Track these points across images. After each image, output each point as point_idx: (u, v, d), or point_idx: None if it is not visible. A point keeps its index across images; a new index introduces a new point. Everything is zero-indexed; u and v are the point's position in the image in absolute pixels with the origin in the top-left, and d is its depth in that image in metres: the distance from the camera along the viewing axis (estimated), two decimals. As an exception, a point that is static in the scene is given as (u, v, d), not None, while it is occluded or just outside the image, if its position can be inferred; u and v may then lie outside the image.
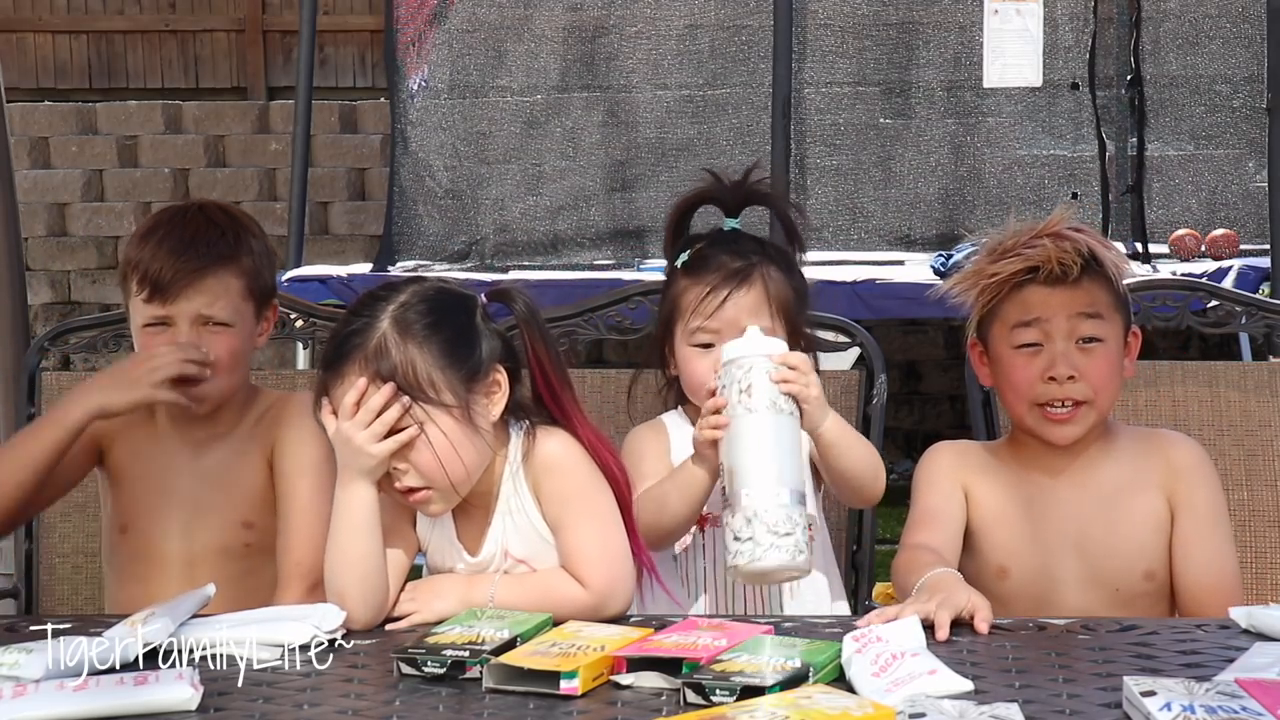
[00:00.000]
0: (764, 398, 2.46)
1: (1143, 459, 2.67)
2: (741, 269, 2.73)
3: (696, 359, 2.72)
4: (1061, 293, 2.60)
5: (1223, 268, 6.01)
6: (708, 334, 2.71)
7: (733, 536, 2.41)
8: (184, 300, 2.70)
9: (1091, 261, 2.60)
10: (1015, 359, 2.63)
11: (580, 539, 2.43)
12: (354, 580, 2.37)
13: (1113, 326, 2.63)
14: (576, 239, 6.91)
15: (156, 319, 2.72)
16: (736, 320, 2.67)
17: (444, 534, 2.50)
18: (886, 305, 6.18)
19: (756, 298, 2.72)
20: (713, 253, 2.77)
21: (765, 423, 2.45)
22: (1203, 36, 6.59)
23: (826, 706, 1.87)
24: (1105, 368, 2.61)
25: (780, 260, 2.78)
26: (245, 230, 2.82)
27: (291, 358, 6.51)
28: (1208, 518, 2.66)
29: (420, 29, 6.87)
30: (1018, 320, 2.62)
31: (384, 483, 2.40)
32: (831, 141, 6.76)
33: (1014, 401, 2.65)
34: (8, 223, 3.88)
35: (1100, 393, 2.61)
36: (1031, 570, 2.64)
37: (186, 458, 2.78)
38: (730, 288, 2.72)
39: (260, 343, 2.84)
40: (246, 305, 2.77)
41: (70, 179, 8.66)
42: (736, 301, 2.71)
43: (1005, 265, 2.61)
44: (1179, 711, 1.84)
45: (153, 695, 2.00)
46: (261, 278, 2.81)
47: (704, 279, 2.74)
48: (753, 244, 2.79)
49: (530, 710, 1.98)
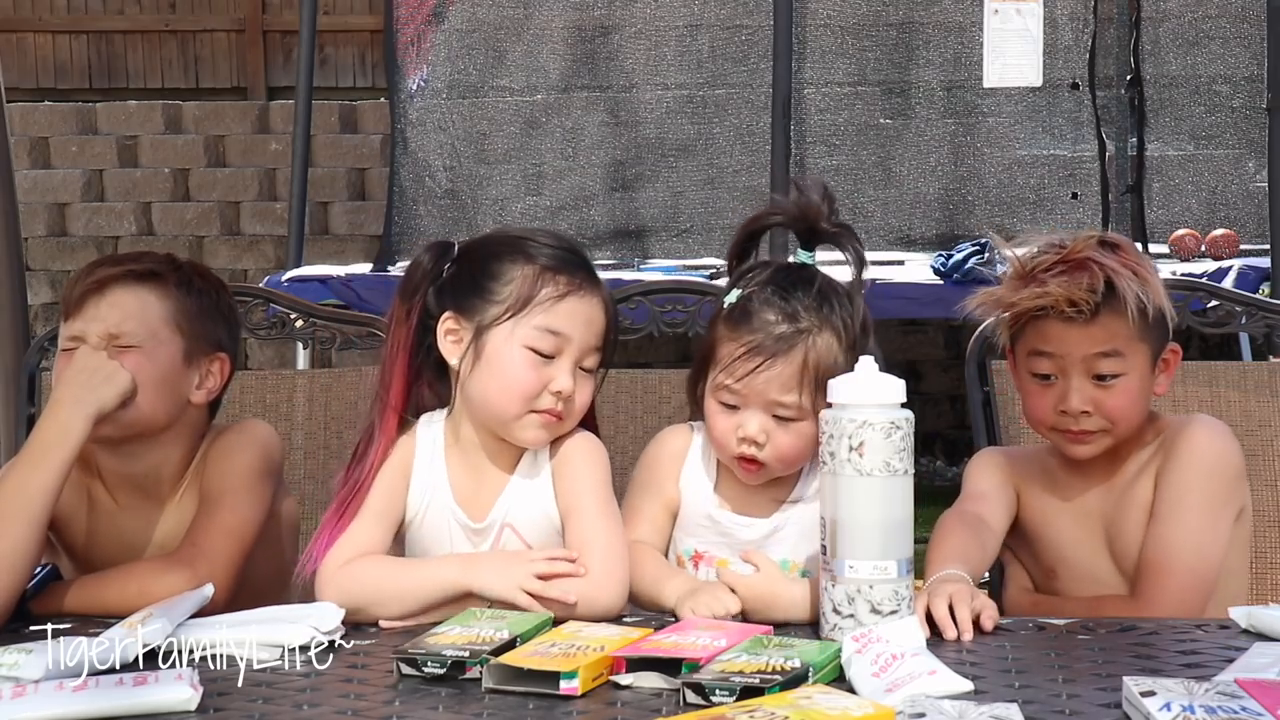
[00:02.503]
0: (878, 457, 2.21)
1: (1156, 450, 2.65)
2: (784, 337, 2.47)
3: (720, 416, 2.52)
4: (1076, 330, 2.55)
5: (1223, 268, 6.01)
6: (733, 396, 2.49)
7: (832, 609, 2.25)
8: (92, 314, 2.57)
9: (1110, 295, 2.53)
10: (1032, 385, 2.62)
11: (589, 529, 2.45)
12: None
13: (1134, 358, 2.58)
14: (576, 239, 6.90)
15: (71, 339, 2.58)
16: (764, 393, 2.46)
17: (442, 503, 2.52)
18: (886, 305, 6.16)
19: (792, 372, 2.46)
20: (759, 307, 2.50)
21: (876, 488, 2.22)
22: (1203, 36, 6.59)
23: (826, 706, 1.87)
24: (1124, 401, 2.58)
25: (839, 320, 2.50)
26: (189, 269, 2.68)
27: (291, 358, 6.51)
28: (1177, 492, 2.58)
29: (420, 29, 6.88)
30: (1034, 349, 2.61)
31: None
32: (831, 141, 6.76)
33: (1034, 423, 2.67)
34: (8, 223, 3.87)
35: (1118, 423, 2.58)
36: (1076, 570, 2.66)
37: (141, 528, 2.65)
38: (764, 358, 2.46)
39: (198, 399, 2.64)
40: (169, 334, 2.60)
41: (70, 179, 8.66)
42: (768, 376, 2.46)
43: (1021, 299, 2.58)
44: (1179, 712, 1.84)
45: (152, 695, 2.00)
46: (198, 319, 2.64)
47: (740, 337, 2.49)
48: (812, 298, 2.51)
49: (530, 710, 1.98)
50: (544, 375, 2.46)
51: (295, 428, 3.14)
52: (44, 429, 2.49)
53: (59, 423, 2.48)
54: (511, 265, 2.49)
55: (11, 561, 2.41)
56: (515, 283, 2.47)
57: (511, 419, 2.48)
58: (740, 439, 2.49)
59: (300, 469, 3.11)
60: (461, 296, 2.50)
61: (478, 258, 2.53)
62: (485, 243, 2.58)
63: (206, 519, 2.55)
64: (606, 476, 2.52)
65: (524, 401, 2.46)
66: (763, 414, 2.48)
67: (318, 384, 3.19)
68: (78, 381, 2.51)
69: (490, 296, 2.48)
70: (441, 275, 2.53)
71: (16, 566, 2.42)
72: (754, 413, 2.48)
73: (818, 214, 2.54)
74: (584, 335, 2.48)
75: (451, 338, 2.51)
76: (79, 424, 2.48)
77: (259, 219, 8.60)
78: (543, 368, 2.46)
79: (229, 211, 8.64)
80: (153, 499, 2.66)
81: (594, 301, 2.50)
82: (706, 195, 6.80)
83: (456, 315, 2.50)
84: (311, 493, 3.04)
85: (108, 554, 2.63)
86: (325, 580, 2.42)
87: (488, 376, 2.48)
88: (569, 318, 2.47)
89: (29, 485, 2.44)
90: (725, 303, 2.55)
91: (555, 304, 2.46)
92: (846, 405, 2.24)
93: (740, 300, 2.53)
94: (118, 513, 2.66)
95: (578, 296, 2.48)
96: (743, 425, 2.48)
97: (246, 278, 8.13)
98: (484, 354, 2.48)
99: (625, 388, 3.10)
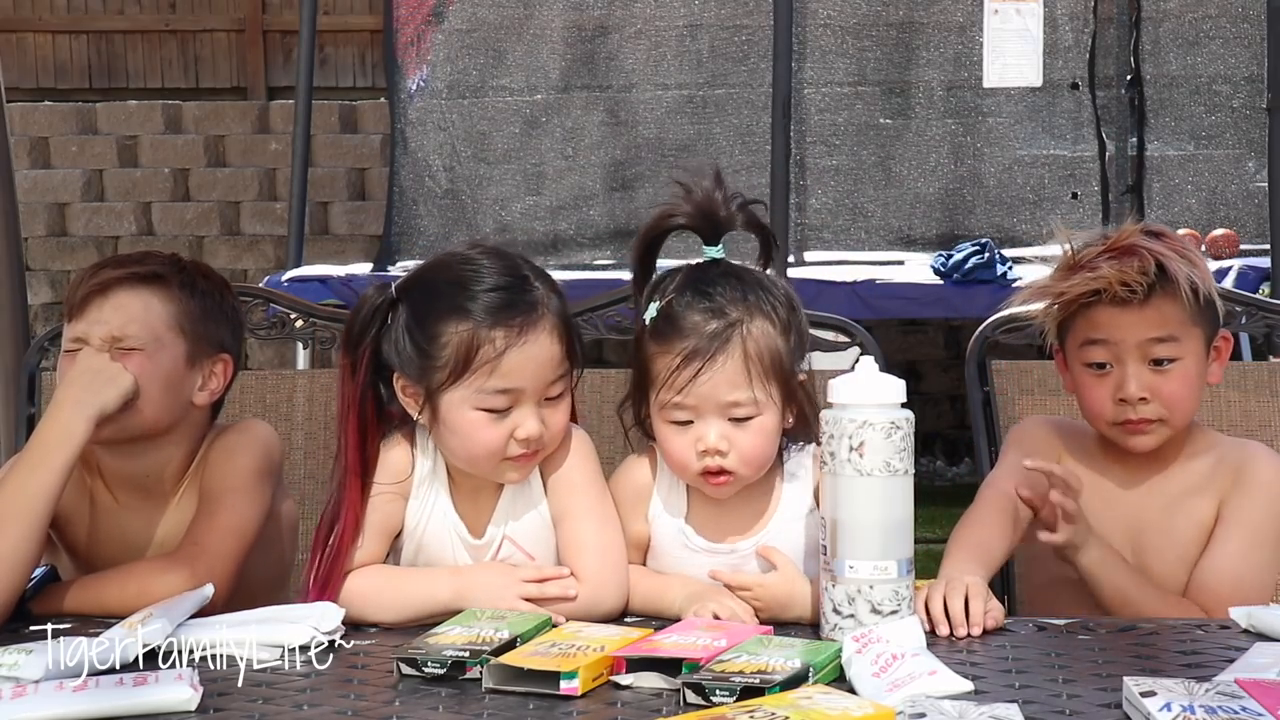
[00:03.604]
0: (878, 457, 2.20)
1: (1214, 468, 2.61)
2: (717, 334, 2.37)
3: (675, 436, 2.41)
4: (1131, 314, 2.52)
5: (1223, 268, 6.01)
6: (683, 411, 2.39)
7: (833, 608, 2.24)
8: (95, 316, 2.56)
9: (1162, 278, 2.51)
10: (1086, 377, 2.59)
11: (582, 531, 2.44)
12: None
13: (1189, 342, 2.55)
14: (576, 239, 6.91)
15: (75, 341, 2.57)
16: (714, 396, 2.37)
17: (442, 515, 2.50)
18: (886, 305, 6.19)
19: (735, 368, 2.37)
20: (682, 311, 2.40)
21: (876, 488, 2.20)
22: (1203, 36, 6.60)
23: (826, 706, 1.87)
24: (1181, 387, 2.55)
25: (767, 305, 2.41)
26: (192, 270, 2.67)
27: (291, 358, 6.51)
28: (1245, 530, 2.56)
29: (420, 29, 6.88)
30: (1087, 338, 2.57)
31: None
32: (831, 141, 6.77)
33: (1091, 419, 2.62)
34: (8, 223, 3.87)
35: (1175, 410, 2.55)
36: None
37: (142, 527, 2.65)
38: (702, 361, 2.36)
39: (201, 400, 2.63)
40: (172, 337, 2.59)
41: (70, 179, 8.66)
42: (712, 377, 2.37)
43: (1071, 286, 2.54)
44: (1179, 712, 1.84)
45: (152, 696, 2.00)
46: (201, 321, 2.62)
47: (673, 346, 2.38)
48: (732, 289, 2.41)
49: (530, 710, 1.98)
50: (505, 427, 2.39)
51: (295, 428, 3.14)
52: (46, 430, 2.49)
53: (61, 424, 2.47)
54: (446, 324, 2.38)
55: (11, 562, 2.40)
56: (451, 346, 2.37)
57: (486, 470, 2.45)
58: (701, 453, 2.39)
59: (300, 469, 3.10)
60: (406, 360, 2.42)
61: (418, 312, 2.42)
62: (422, 290, 2.44)
63: (207, 519, 2.55)
64: (596, 472, 2.50)
65: (492, 457, 2.41)
66: (718, 420, 2.39)
67: (318, 384, 3.18)
68: (80, 383, 2.51)
69: (431, 361, 2.39)
70: (386, 323, 2.44)
71: (16, 567, 2.41)
72: (709, 421, 2.39)
73: (714, 203, 2.43)
74: (536, 378, 2.39)
75: (408, 398, 2.45)
76: (81, 425, 2.47)
77: (259, 219, 8.60)
78: (502, 421, 2.38)
79: (229, 211, 8.64)
80: (154, 498, 2.66)
81: (539, 339, 2.39)
82: (707, 195, 6.79)
83: (404, 378, 2.44)
84: (311, 493, 3.04)
85: (108, 553, 2.63)
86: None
87: (449, 436, 2.42)
88: (515, 372, 2.38)
89: (30, 486, 2.44)
90: (646, 319, 2.43)
91: (497, 363, 2.36)
92: (846, 405, 2.23)
93: (661, 311, 2.42)
94: (118, 512, 2.66)
95: (519, 347, 2.37)
96: (701, 438, 2.39)
97: (246, 278, 8.13)
98: (440, 417, 2.41)
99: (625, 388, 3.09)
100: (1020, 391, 3.07)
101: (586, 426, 2.59)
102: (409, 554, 2.51)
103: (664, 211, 2.50)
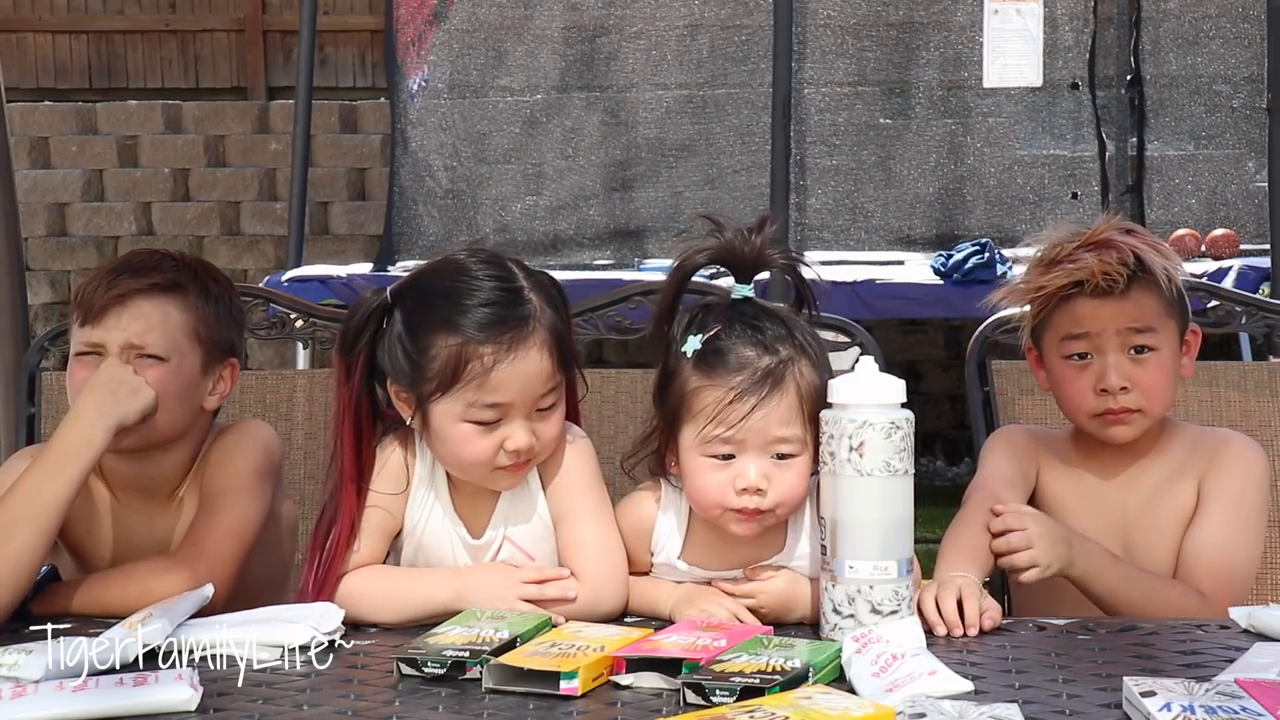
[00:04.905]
0: (878, 457, 2.19)
1: (1190, 455, 2.66)
2: (772, 370, 2.33)
3: (711, 472, 2.35)
4: (1110, 305, 2.57)
5: (1223, 268, 6.02)
6: (730, 446, 2.34)
7: (832, 608, 2.24)
8: (114, 323, 2.55)
9: (1139, 270, 2.57)
10: (1066, 370, 2.62)
11: (582, 532, 2.44)
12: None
13: (1165, 334, 2.61)
14: (576, 239, 6.92)
15: (89, 346, 2.56)
16: (765, 431, 2.32)
17: (442, 516, 2.50)
18: (886, 305, 6.19)
19: (790, 404, 2.33)
20: (733, 345, 2.36)
21: (876, 488, 2.20)
22: (1203, 36, 6.60)
23: (826, 707, 1.87)
24: (1159, 376, 2.60)
25: (811, 347, 2.39)
26: (205, 274, 2.66)
27: (291, 358, 6.51)
28: (1227, 504, 2.61)
29: (420, 29, 6.88)
30: (1067, 332, 2.61)
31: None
32: (831, 141, 6.77)
33: (1071, 412, 2.65)
34: (8, 223, 3.87)
35: (1154, 400, 2.60)
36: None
37: (143, 527, 2.66)
38: (759, 396, 2.32)
39: (211, 404, 2.64)
40: (190, 345, 2.60)
41: (70, 179, 8.66)
42: (766, 413, 2.32)
43: (1051, 279, 2.59)
44: (1179, 712, 1.84)
45: (152, 696, 2.00)
46: (215, 327, 2.63)
47: (725, 380, 2.33)
48: (779, 330, 2.38)
49: (530, 710, 1.98)
50: (495, 439, 2.38)
51: (295, 428, 3.14)
52: (65, 437, 2.48)
53: (80, 432, 2.47)
54: (436, 336, 2.37)
55: (18, 565, 2.40)
56: (440, 359, 2.36)
57: (477, 478, 2.45)
58: (740, 490, 2.34)
59: (300, 469, 3.11)
60: (398, 367, 2.42)
61: (410, 321, 2.42)
62: (416, 298, 2.44)
63: (207, 519, 2.56)
64: (595, 473, 2.50)
65: (482, 466, 2.41)
66: (760, 457, 2.34)
67: (318, 384, 3.18)
68: (103, 392, 2.50)
69: (421, 371, 2.38)
70: (380, 328, 2.44)
71: (23, 571, 2.41)
72: (752, 458, 2.34)
73: (746, 243, 2.41)
74: (525, 392, 2.37)
75: (401, 403, 2.45)
76: (100, 435, 2.46)
77: (259, 219, 8.60)
78: (491, 433, 2.37)
79: (229, 211, 8.64)
80: (155, 499, 2.66)
81: (529, 354, 2.37)
82: (706, 195, 6.80)
83: (396, 384, 2.44)
84: (311, 493, 3.04)
85: (109, 553, 2.64)
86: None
87: (440, 445, 2.43)
88: (504, 386, 2.36)
89: (45, 492, 2.43)
90: (688, 351, 2.37)
91: (485, 378, 2.35)
92: (846, 405, 2.23)
93: (707, 345, 2.37)
94: (120, 512, 2.66)
95: (508, 361, 2.36)
96: (742, 474, 2.33)
97: (246, 278, 8.13)
98: (430, 426, 2.41)
99: (625, 388, 3.09)
100: (1020, 391, 3.07)
101: (586, 427, 2.59)
102: (409, 554, 2.51)
103: (694, 248, 2.46)
